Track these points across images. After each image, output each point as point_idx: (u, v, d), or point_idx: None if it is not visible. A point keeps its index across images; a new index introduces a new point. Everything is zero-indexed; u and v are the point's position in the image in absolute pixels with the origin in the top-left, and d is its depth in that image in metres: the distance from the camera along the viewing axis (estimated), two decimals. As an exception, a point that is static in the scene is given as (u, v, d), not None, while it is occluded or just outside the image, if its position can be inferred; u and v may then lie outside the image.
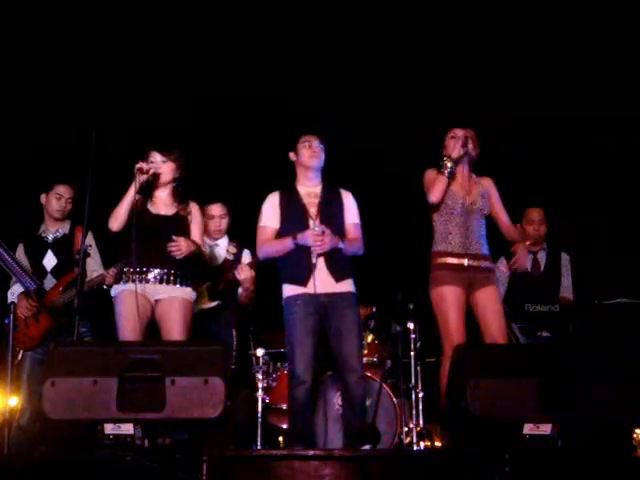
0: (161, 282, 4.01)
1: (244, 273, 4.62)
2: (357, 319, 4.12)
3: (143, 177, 4.00)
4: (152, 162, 4.09)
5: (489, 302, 4.07)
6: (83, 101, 5.81)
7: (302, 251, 4.07)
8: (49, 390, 3.09)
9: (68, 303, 4.41)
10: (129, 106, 5.99)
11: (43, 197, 4.74)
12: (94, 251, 4.72)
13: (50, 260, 4.66)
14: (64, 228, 4.75)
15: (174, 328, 3.96)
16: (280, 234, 4.17)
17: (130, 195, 3.97)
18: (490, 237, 4.28)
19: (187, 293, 4.08)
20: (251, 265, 4.65)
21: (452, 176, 4.14)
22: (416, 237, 4.56)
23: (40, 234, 4.74)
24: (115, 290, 4.08)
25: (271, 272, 4.69)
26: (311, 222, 4.10)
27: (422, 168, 4.34)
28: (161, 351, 3.19)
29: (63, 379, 3.10)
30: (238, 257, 4.85)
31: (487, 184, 4.30)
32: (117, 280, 4.09)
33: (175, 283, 4.03)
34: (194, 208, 4.22)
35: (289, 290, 4.11)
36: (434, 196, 4.11)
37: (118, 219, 3.99)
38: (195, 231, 4.18)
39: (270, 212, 4.21)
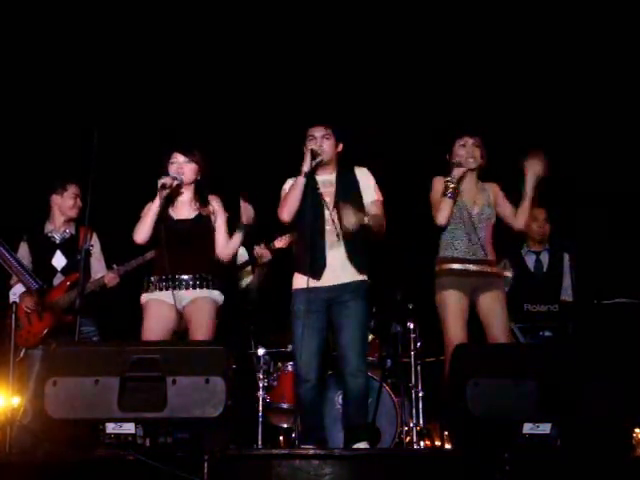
0: (187, 288, 4.00)
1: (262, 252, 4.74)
2: (360, 310, 3.99)
3: (166, 192, 4.00)
4: (173, 163, 4.09)
5: (493, 306, 4.09)
6: (84, 100, 5.82)
7: (312, 240, 4.02)
8: (51, 389, 3.09)
9: (73, 302, 4.41)
10: (131, 104, 6.01)
11: (57, 198, 4.73)
12: (98, 253, 4.74)
13: (59, 260, 4.66)
14: (70, 228, 4.76)
15: (199, 329, 3.93)
16: (295, 223, 4.10)
17: (154, 210, 3.99)
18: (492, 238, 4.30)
19: (215, 296, 4.05)
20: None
21: (456, 196, 4.15)
22: (416, 237, 4.56)
23: (47, 234, 4.74)
24: (143, 299, 4.08)
25: (273, 271, 4.71)
26: (326, 212, 4.05)
27: (426, 167, 4.36)
28: (162, 350, 3.20)
29: (65, 379, 3.11)
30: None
31: (493, 190, 4.30)
32: (145, 289, 4.09)
33: (202, 287, 4.01)
34: (215, 203, 4.16)
35: (295, 281, 4.08)
36: (442, 219, 4.14)
37: (142, 233, 4.00)
38: (222, 226, 4.14)
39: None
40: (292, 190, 4.06)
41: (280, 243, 4.81)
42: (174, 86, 6.14)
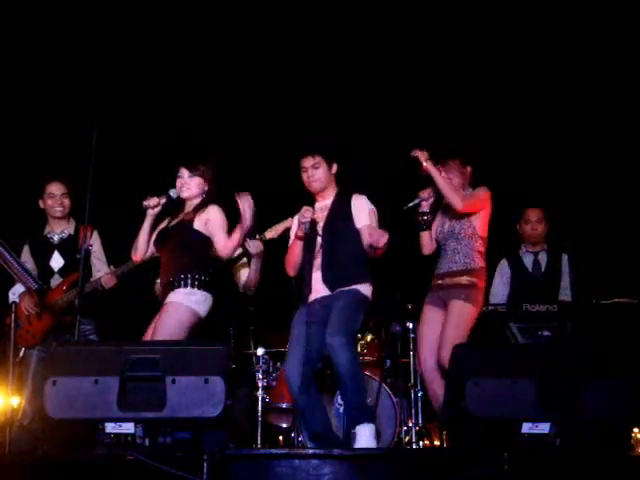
0: (170, 291, 4.00)
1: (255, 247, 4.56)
2: (347, 305, 3.95)
3: (154, 210, 4.10)
4: (179, 177, 4.16)
5: (448, 315, 4.22)
6: (84, 99, 5.82)
7: (303, 265, 4.13)
8: (50, 389, 3.10)
9: (71, 302, 4.41)
10: (131, 104, 6.01)
11: (41, 202, 4.76)
12: (99, 251, 4.74)
13: (57, 261, 4.67)
14: (69, 229, 4.76)
15: (156, 330, 3.90)
16: (299, 251, 4.19)
17: (144, 230, 4.13)
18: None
19: (182, 298, 3.96)
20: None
21: (430, 224, 4.44)
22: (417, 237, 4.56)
23: (46, 235, 4.75)
24: None
25: (271, 271, 4.70)
26: (318, 239, 4.10)
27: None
28: (162, 350, 3.20)
29: (64, 378, 3.11)
30: None
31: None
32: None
33: (179, 287, 3.98)
34: (212, 211, 4.11)
35: None
36: (424, 252, 4.49)
37: (138, 252, 4.19)
38: (218, 230, 4.10)
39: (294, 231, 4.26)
40: (292, 250, 4.21)
41: (271, 234, 4.77)
42: (173, 82, 6.14)
